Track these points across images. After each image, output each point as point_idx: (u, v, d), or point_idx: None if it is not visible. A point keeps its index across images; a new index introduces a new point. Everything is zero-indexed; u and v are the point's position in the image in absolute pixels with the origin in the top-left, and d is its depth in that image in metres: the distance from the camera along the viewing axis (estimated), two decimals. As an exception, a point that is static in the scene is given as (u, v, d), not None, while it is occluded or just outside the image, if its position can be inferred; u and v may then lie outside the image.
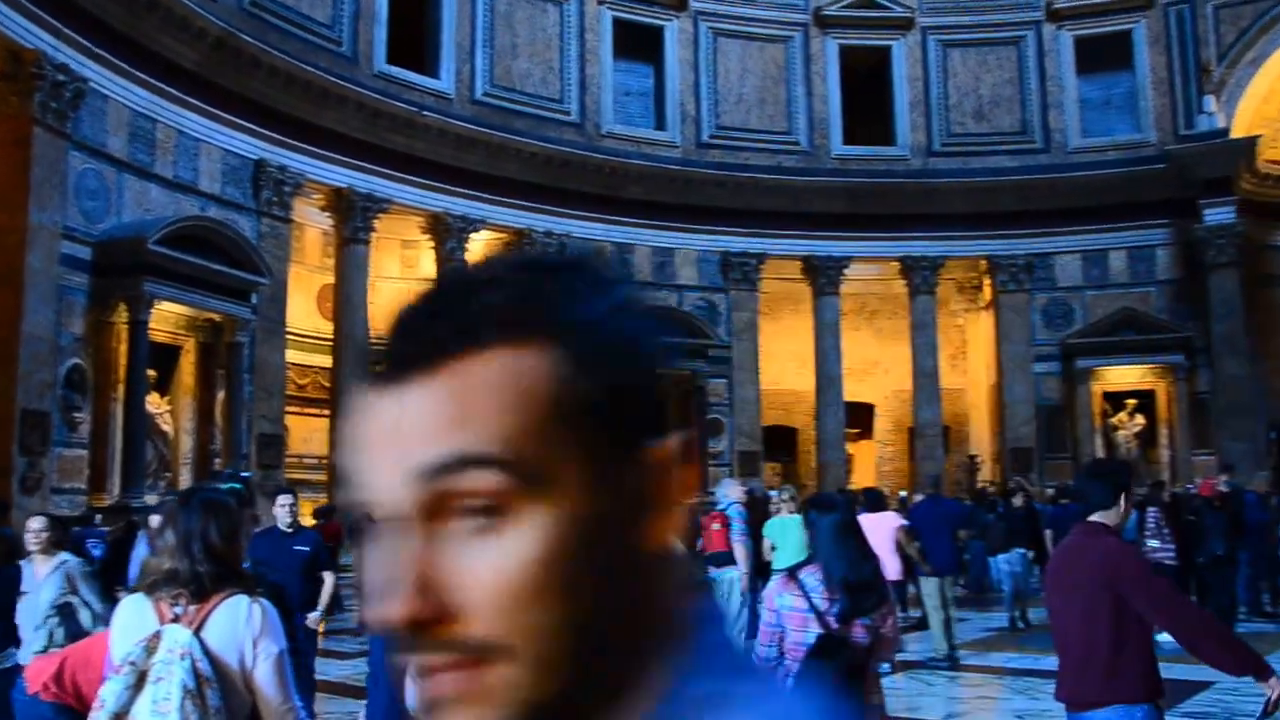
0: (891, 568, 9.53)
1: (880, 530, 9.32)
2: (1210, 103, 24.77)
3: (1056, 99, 26.08)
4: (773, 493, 11.58)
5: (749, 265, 25.44)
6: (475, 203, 22.52)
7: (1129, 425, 25.23)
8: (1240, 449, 22.83)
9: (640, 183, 24.43)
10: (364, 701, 5.12)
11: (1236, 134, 24.54)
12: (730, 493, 10.71)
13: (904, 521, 11.32)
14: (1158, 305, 25.38)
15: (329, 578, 7.52)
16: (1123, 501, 4.03)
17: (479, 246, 23.51)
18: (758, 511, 11.28)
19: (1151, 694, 3.80)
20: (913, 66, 26.40)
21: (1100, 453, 25.11)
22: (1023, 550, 14.33)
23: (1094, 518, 3.99)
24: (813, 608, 3.88)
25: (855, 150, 26.07)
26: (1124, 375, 25.46)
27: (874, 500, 11.27)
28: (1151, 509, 12.93)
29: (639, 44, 25.24)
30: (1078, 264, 25.88)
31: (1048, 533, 13.89)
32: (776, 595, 4.05)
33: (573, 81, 24.28)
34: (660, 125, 25.33)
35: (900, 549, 10.64)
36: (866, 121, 26.15)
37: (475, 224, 22.60)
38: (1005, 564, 14.31)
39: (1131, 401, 25.29)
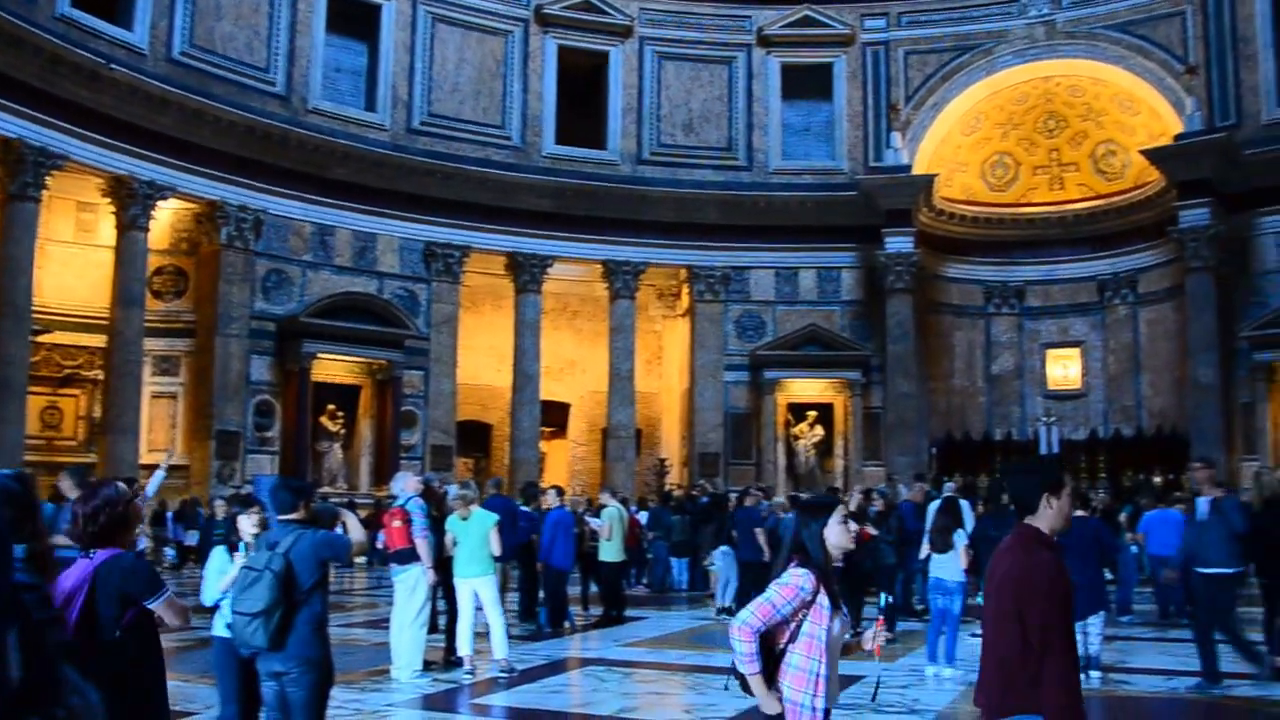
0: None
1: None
2: (897, 139, 26.48)
3: (761, 121, 27.16)
4: (451, 488, 11.30)
5: (452, 257, 25.09)
6: (164, 168, 21.07)
7: (809, 435, 26.57)
8: (905, 461, 24.47)
9: (345, 163, 23.63)
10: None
11: (918, 170, 26.38)
12: (406, 486, 10.39)
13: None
14: (840, 324, 26.87)
15: None
16: (1054, 503, 3.76)
17: (166, 215, 22.10)
18: (438, 505, 11.00)
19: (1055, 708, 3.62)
20: (629, 74, 26.82)
21: (782, 460, 26.35)
22: (727, 547, 15.07)
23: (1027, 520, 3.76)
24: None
25: (566, 151, 26.22)
26: (807, 388, 26.82)
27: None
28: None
29: (354, 20, 24.40)
30: (771, 279, 27.04)
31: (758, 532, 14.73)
32: None
33: (280, 52, 23.18)
34: (371, 106, 24.59)
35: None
36: (580, 124, 26.36)
37: (163, 191, 21.17)
38: (720, 558, 15.19)
39: (812, 413, 26.65)
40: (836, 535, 4.15)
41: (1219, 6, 24.43)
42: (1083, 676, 9.65)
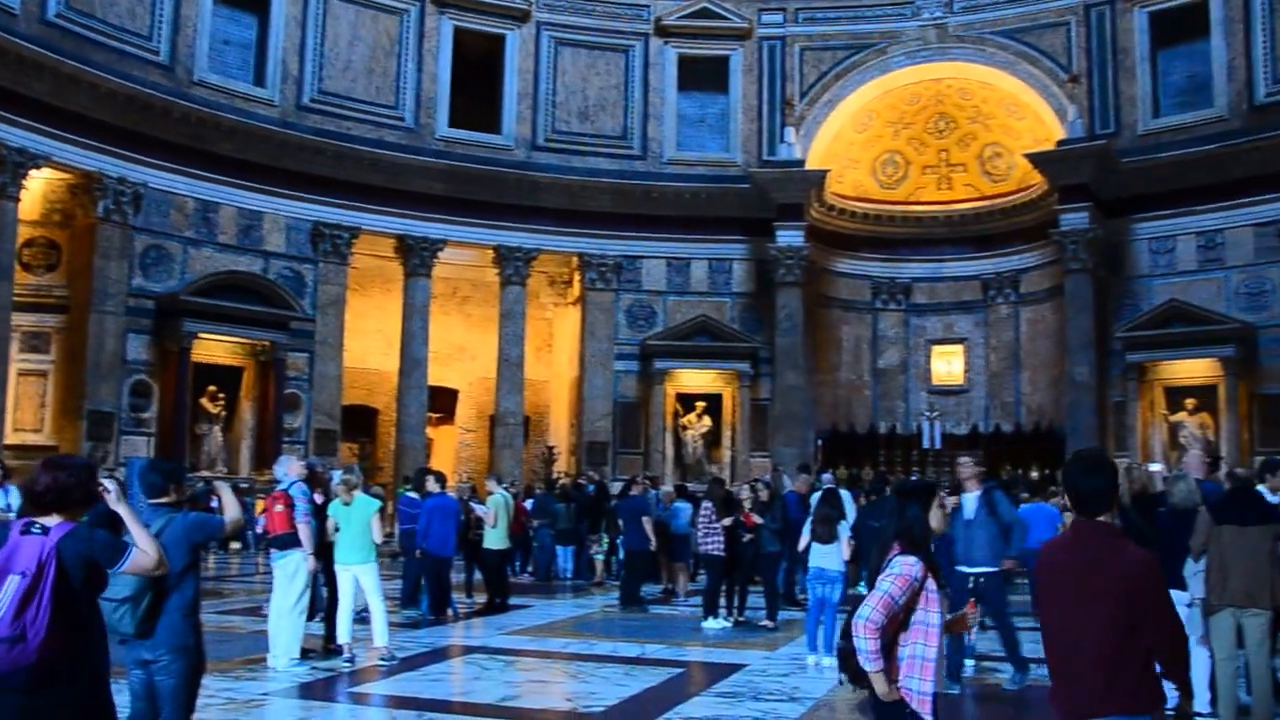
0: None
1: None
2: (791, 134, 26.73)
3: (657, 110, 27.17)
4: (336, 474, 11.09)
5: (341, 238, 24.61)
6: (37, 135, 20.14)
7: (697, 426, 26.72)
8: (792, 453, 24.74)
9: (232, 139, 22.98)
10: None
11: (810, 166, 26.64)
12: (291, 470, 10.17)
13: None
14: (731, 315, 27.05)
15: None
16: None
17: (38, 185, 21.23)
18: (322, 490, 10.79)
19: (1157, 704, 3.61)
20: (525, 59, 26.59)
21: (670, 450, 26.45)
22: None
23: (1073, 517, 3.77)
24: None
25: (460, 134, 25.90)
26: (696, 378, 26.96)
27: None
28: (707, 502, 13.62)
29: (244, -10, 23.75)
30: (662, 269, 27.10)
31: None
32: None
33: (165, 19, 22.39)
34: (259, 81, 23.92)
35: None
36: (475, 107, 26.07)
37: (35, 159, 20.26)
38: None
39: (701, 404, 26.80)
40: (936, 520, 4.18)
41: (1101, 20, 25.18)
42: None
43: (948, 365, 28.61)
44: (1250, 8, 23.36)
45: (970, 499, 9.26)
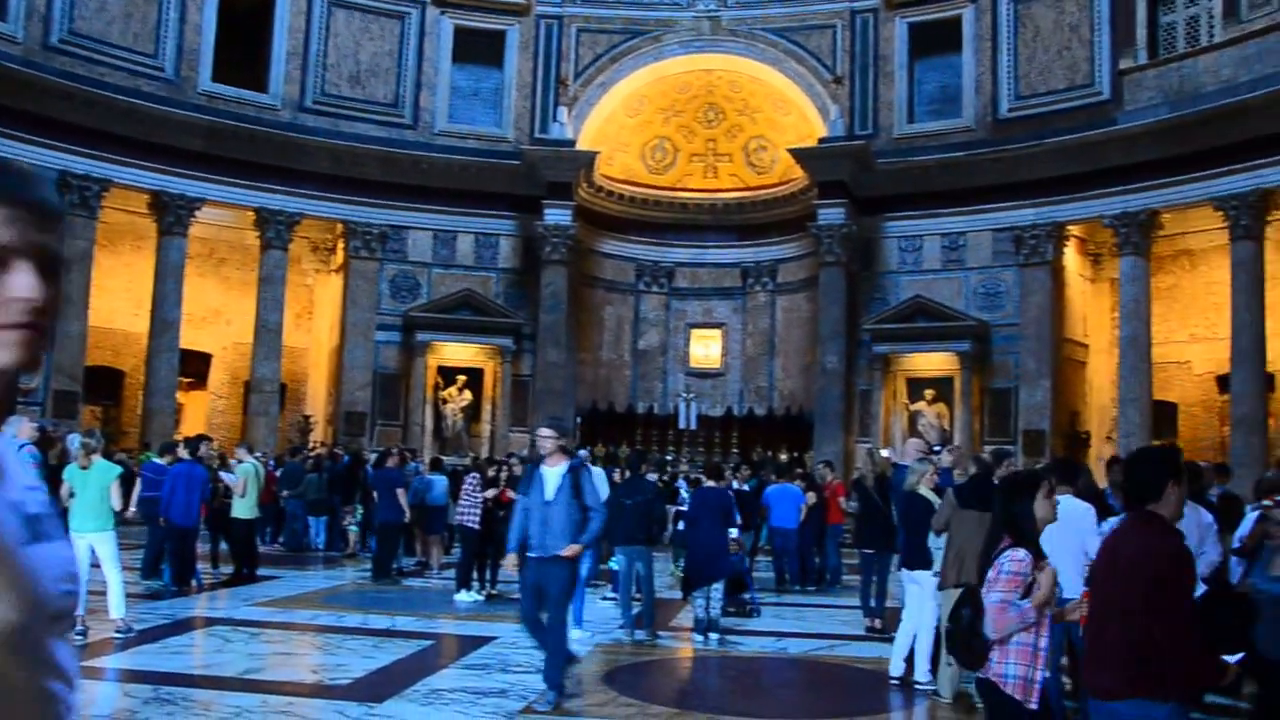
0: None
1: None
2: (563, 114, 26.92)
3: (430, 80, 26.84)
4: (74, 438, 10.61)
5: (89, 190, 23.25)
6: None
7: (458, 399, 26.66)
8: (551, 430, 24.97)
9: (-34, 76, 21.37)
10: None
11: (581, 146, 26.93)
12: (21, 432, 9.68)
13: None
14: (496, 290, 27.07)
15: None
16: (1175, 490, 3.88)
17: None
18: (54, 453, 10.31)
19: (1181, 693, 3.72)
20: (296, 17, 25.75)
21: (430, 423, 26.30)
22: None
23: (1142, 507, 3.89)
24: None
25: (224, 90, 24.88)
26: (458, 352, 26.89)
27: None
28: (470, 476, 13.73)
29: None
30: (429, 241, 26.85)
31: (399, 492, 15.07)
32: None
33: (-107, -59, 20.59)
34: (0, 15, 22.31)
35: None
36: (240, 63, 25.10)
37: None
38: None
39: (462, 377, 26.75)
40: (1043, 510, 4.25)
41: (865, 25, 26.44)
42: (701, 638, 10.37)
43: (706, 349, 29.50)
44: (998, 28, 25.01)
45: (552, 475, 7.86)
